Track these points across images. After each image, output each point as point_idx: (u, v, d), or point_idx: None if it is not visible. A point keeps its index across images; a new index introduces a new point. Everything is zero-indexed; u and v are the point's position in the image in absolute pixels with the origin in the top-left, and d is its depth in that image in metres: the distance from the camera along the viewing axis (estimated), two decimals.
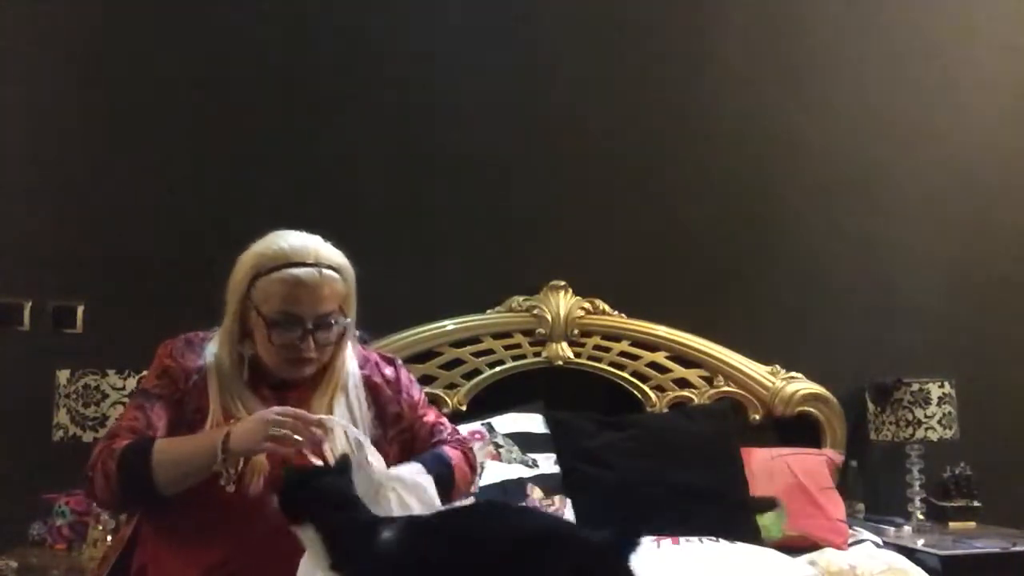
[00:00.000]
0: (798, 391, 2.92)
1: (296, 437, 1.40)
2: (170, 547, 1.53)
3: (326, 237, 1.64)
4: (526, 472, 2.49)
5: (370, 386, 1.68)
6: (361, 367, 1.69)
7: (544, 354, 2.86)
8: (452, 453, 1.67)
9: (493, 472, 2.44)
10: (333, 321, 1.57)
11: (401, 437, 1.68)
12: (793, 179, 3.18)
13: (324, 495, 1.31)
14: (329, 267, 1.57)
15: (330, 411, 1.57)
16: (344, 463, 1.38)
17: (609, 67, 3.11)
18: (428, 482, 1.51)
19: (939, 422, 2.84)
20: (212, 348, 1.62)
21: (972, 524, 2.88)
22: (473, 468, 1.72)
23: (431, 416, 1.74)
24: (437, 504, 1.50)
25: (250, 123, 2.88)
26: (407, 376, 1.76)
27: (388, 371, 1.73)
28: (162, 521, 1.55)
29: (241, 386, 1.57)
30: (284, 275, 1.54)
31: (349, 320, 1.62)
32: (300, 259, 1.55)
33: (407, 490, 1.46)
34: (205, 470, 1.43)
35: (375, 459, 1.48)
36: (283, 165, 2.87)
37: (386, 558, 1.24)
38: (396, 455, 1.64)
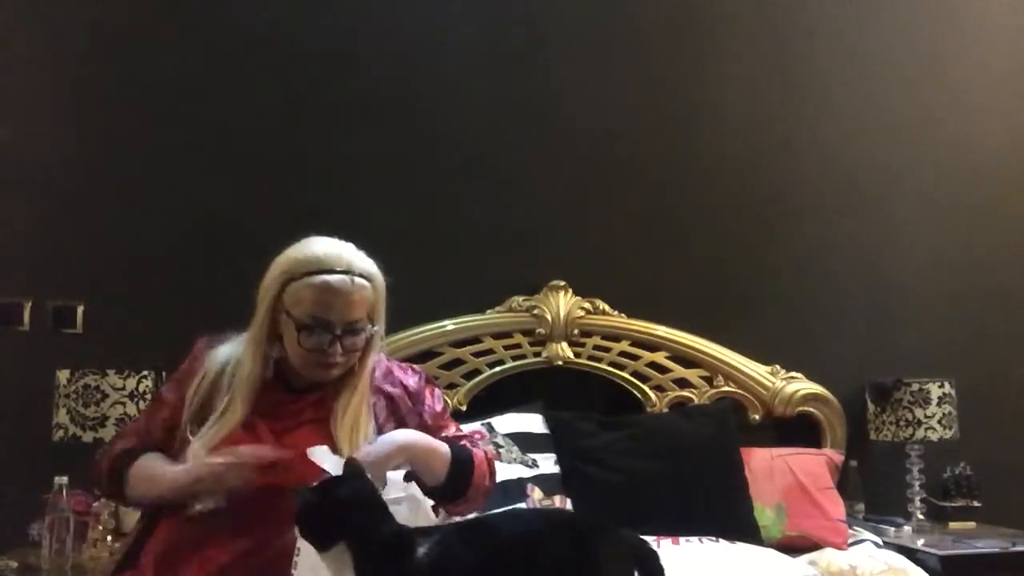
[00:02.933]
0: (798, 391, 2.92)
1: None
2: (181, 546, 1.52)
3: (330, 235, 1.66)
4: (526, 472, 2.49)
5: (388, 397, 1.69)
6: (384, 377, 1.70)
7: (544, 354, 2.86)
8: (476, 452, 1.68)
9: None
10: (361, 328, 1.60)
11: None
12: (793, 179, 3.18)
13: (358, 506, 1.23)
14: (360, 275, 1.60)
15: (355, 418, 1.58)
16: (355, 468, 1.31)
17: (609, 69, 3.11)
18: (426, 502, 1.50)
19: (939, 422, 2.84)
20: (226, 350, 1.65)
21: (972, 524, 2.88)
22: (492, 474, 1.72)
23: (452, 429, 1.74)
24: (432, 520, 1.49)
25: (251, 125, 2.88)
26: (431, 388, 1.76)
27: (411, 382, 1.74)
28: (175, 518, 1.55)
29: (253, 390, 1.60)
30: (316, 280, 1.57)
31: (377, 328, 1.65)
32: (332, 265, 1.58)
33: (412, 505, 1.45)
34: (171, 498, 1.51)
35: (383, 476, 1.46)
36: (283, 166, 2.87)
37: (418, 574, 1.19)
38: None
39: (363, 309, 1.60)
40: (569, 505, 2.44)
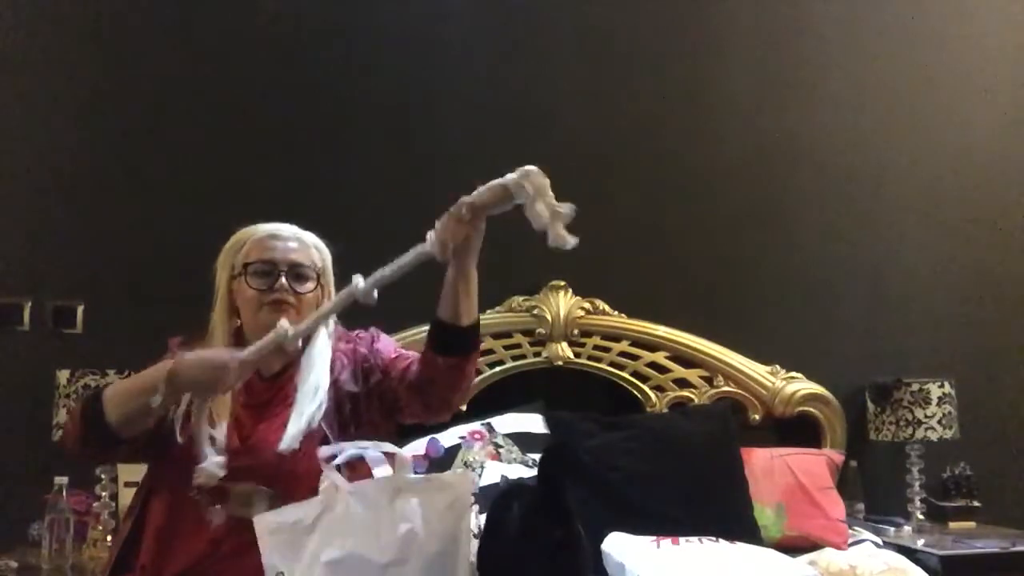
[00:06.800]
0: (798, 391, 2.92)
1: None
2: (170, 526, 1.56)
3: (327, 237, 1.72)
4: (526, 472, 2.49)
5: (347, 353, 1.72)
6: (342, 337, 1.76)
7: (544, 354, 2.86)
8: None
9: (493, 472, 2.44)
10: (306, 275, 1.68)
11: (380, 388, 1.70)
12: (793, 180, 3.18)
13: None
14: (305, 236, 1.73)
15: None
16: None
17: (609, 71, 3.12)
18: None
19: (939, 422, 2.84)
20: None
21: (972, 524, 2.88)
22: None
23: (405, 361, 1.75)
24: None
25: (250, 125, 2.88)
26: (382, 336, 1.81)
27: (363, 334, 1.79)
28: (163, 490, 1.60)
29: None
30: (260, 232, 1.70)
31: (328, 289, 1.71)
32: (275, 225, 1.72)
33: (426, 493, 1.48)
34: (148, 404, 1.48)
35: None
36: (283, 166, 2.88)
37: (508, 535, 1.23)
38: (378, 407, 1.70)
39: (307, 257, 1.69)
40: None
